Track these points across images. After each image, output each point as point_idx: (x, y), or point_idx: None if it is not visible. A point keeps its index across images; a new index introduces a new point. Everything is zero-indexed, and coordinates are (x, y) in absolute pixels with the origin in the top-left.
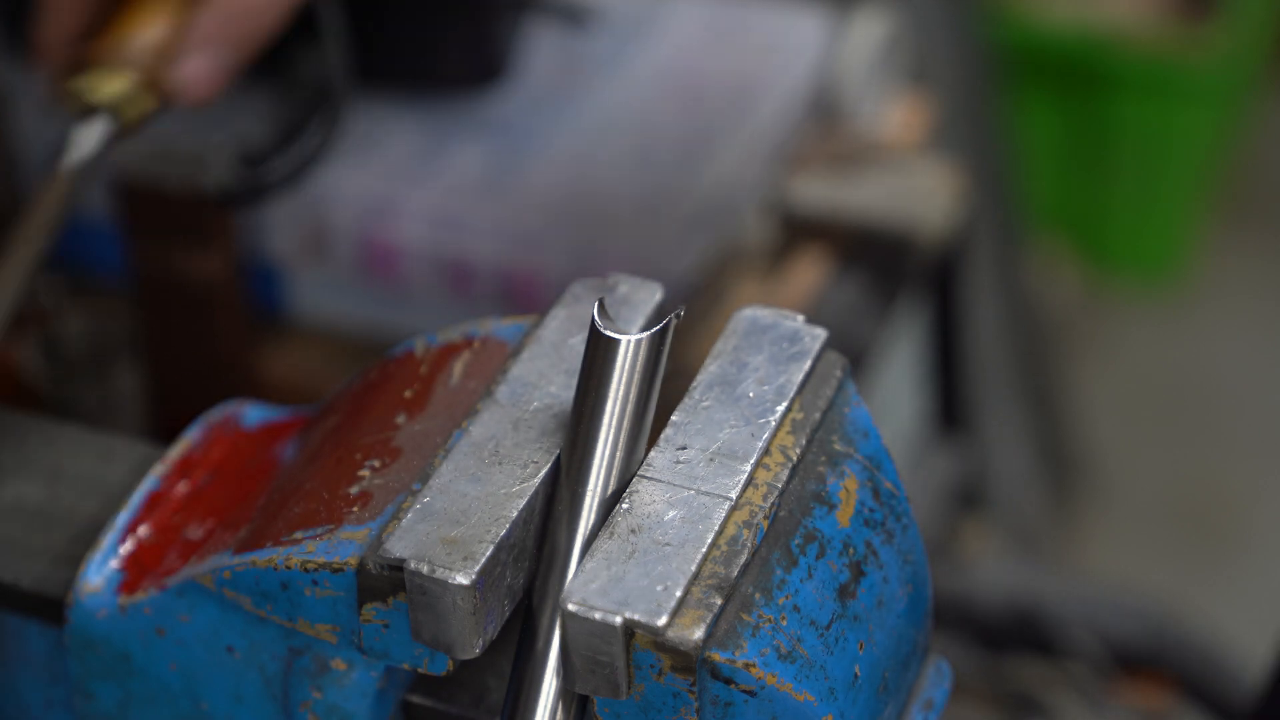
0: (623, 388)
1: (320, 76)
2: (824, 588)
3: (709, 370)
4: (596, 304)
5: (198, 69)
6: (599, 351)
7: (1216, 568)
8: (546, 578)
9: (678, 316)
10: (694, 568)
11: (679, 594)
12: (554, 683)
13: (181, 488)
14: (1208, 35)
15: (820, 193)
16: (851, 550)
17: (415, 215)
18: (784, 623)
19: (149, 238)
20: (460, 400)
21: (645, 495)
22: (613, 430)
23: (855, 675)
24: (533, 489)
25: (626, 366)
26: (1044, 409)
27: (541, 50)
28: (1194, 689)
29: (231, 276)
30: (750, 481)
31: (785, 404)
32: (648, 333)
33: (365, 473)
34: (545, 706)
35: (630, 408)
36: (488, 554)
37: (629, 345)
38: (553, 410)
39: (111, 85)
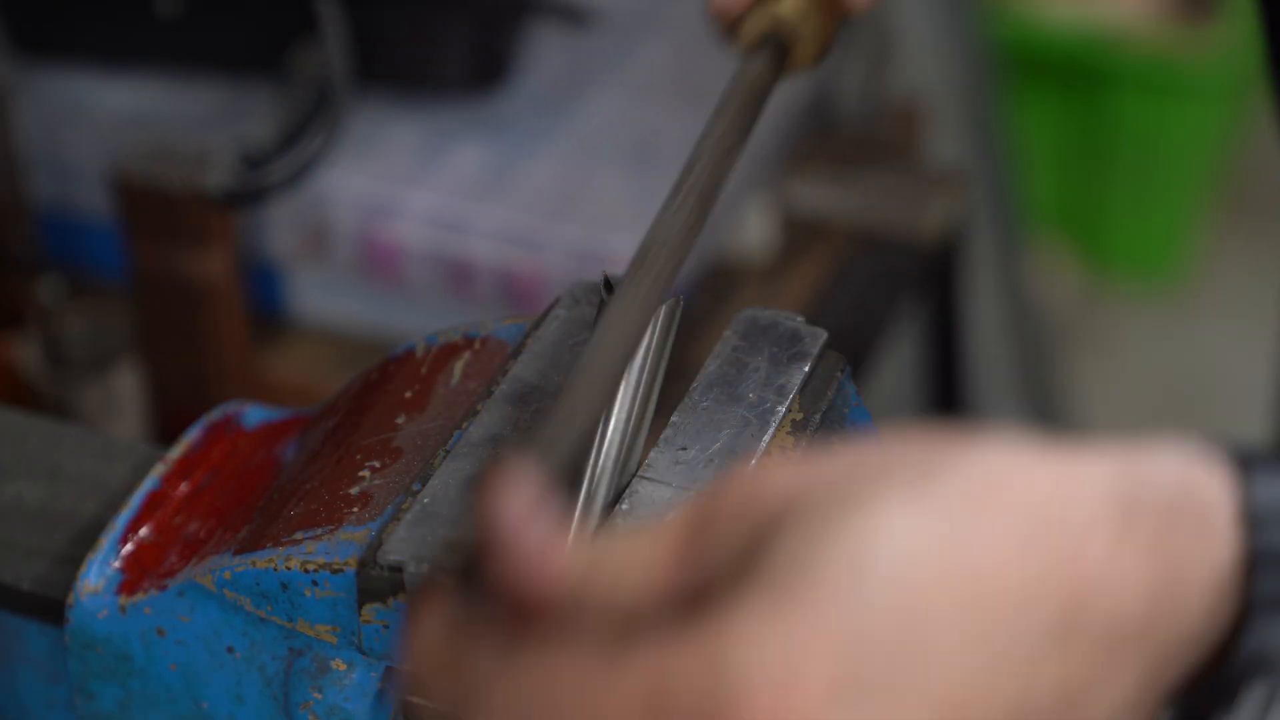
0: (628, 366)
1: (320, 76)
2: None
3: (709, 371)
4: (604, 280)
5: None
6: None
7: None
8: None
9: (680, 300)
10: None
11: None
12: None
13: (182, 488)
14: (1208, 35)
15: (820, 193)
16: None
17: (415, 215)
18: None
19: (149, 238)
20: (460, 400)
21: (645, 495)
22: (616, 411)
23: None
24: None
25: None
26: (1044, 409)
27: (541, 50)
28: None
29: (231, 276)
30: None
31: (785, 404)
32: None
33: (365, 473)
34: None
35: (634, 389)
36: None
37: None
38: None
39: (773, 14)
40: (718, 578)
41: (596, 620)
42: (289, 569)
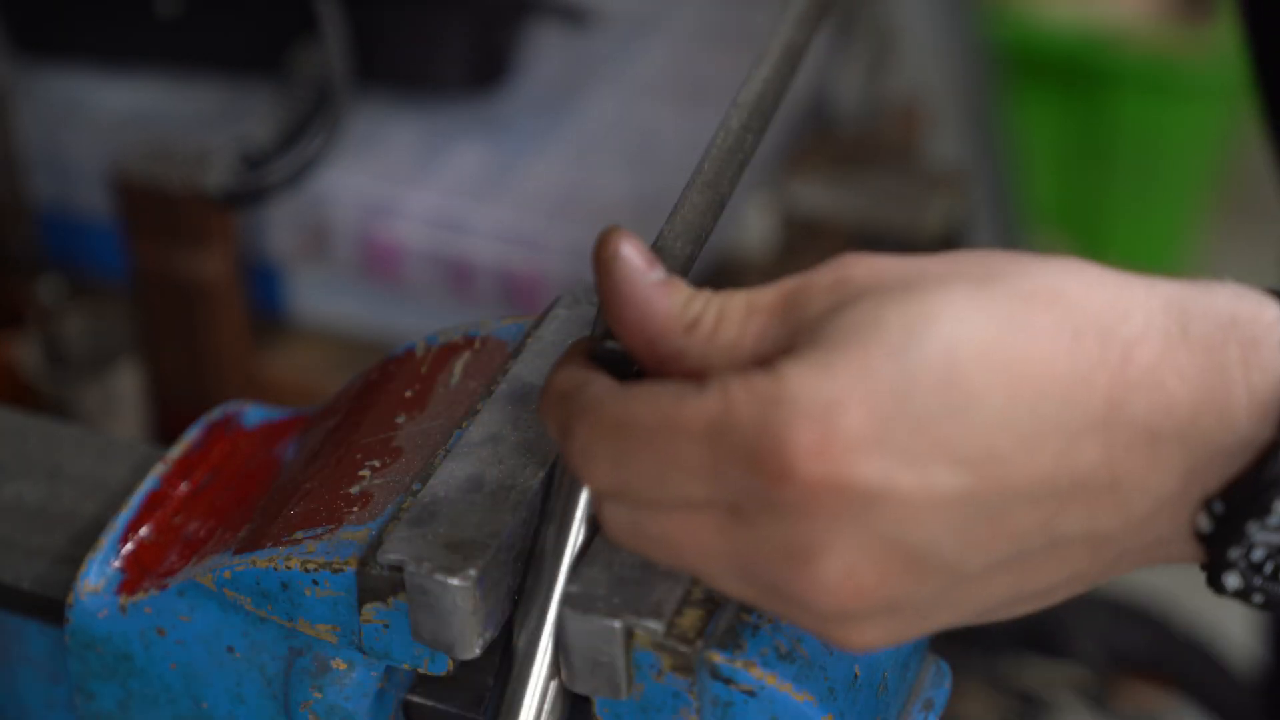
0: None
1: (320, 76)
2: None
3: None
4: None
5: None
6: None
7: None
8: (536, 575)
9: None
10: None
11: (679, 594)
12: (539, 680)
13: (182, 488)
14: (1208, 35)
15: (820, 193)
16: None
17: (415, 215)
18: (783, 623)
19: (149, 238)
20: (460, 400)
21: None
22: None
23: (855, 675)
24: (533, 489)
25: None
26: None
27: (542, 50)
28: (1194, 691)
29: (231, 276)
30: None
31: None
32: None
33: (365, 473)
34: (530, 708)
35: None
36: (488, 554)
37: None
38: None
39: None
40: (796, 339)
41: (688, 365)
42: (289, 568)
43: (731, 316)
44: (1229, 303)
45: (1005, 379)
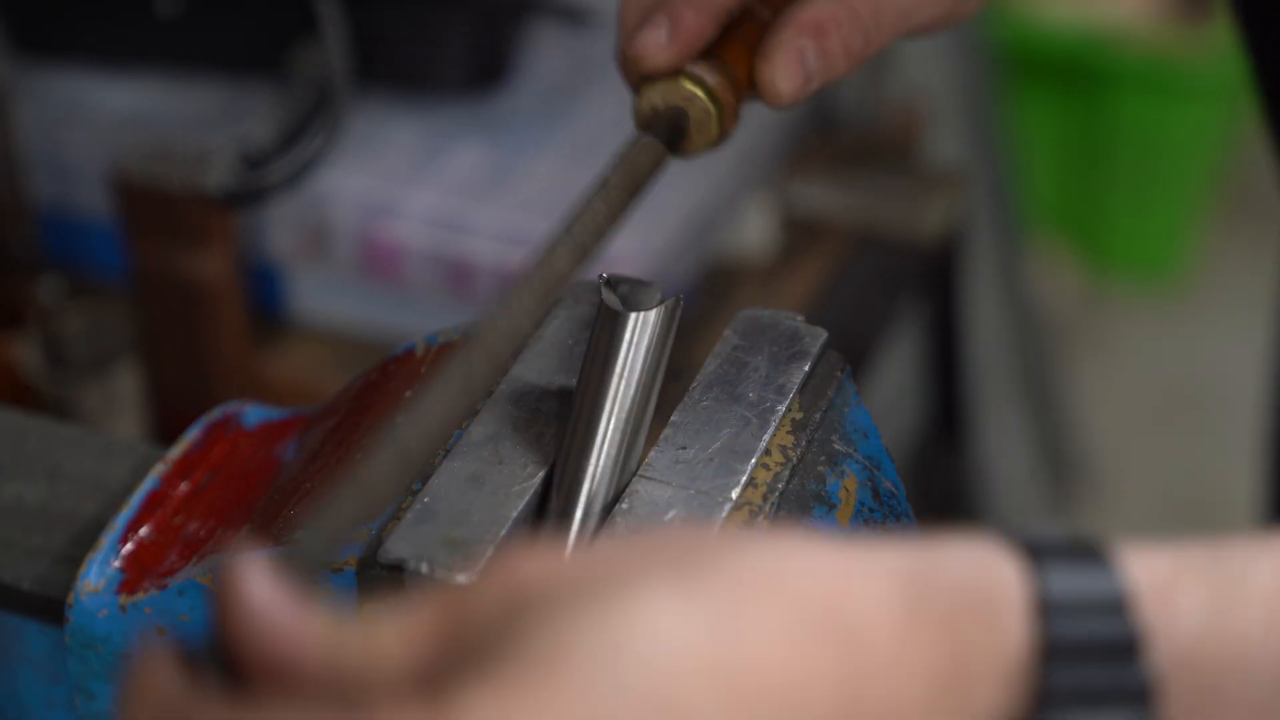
0: (628, 366)
1: (320, 76)
2: None
3: (709, 370)
4: (604, 283)
5: (789, 69)
6: (606, 327)
7: None
8: None
9: (680, 300)
10: None
11: None
12: None
13: (182, 488)
14: (1208, 35)
15: (820, 193)
16: None
17: (415, 215)
18: None
19: (149, 238)
20: None
21: (645, 495)
22: (615, 411)
23: None
24: (533, 489)
25: (633, 343)
26: (1044, 409)
27: (542, 50)
28: None
29: (231, 276)
30: (750, 481)
31: (785, 404)
32: (655, 308)
33: None
34: None
35: (634, 389)
36: (488, 554)
37: (637, 321)
38: (553, 410)
39: (683, 91)
40: (467, 657)
41: (336, 689)
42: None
43: (383, 642)
44: (967, 566)
45: (725, 696)
